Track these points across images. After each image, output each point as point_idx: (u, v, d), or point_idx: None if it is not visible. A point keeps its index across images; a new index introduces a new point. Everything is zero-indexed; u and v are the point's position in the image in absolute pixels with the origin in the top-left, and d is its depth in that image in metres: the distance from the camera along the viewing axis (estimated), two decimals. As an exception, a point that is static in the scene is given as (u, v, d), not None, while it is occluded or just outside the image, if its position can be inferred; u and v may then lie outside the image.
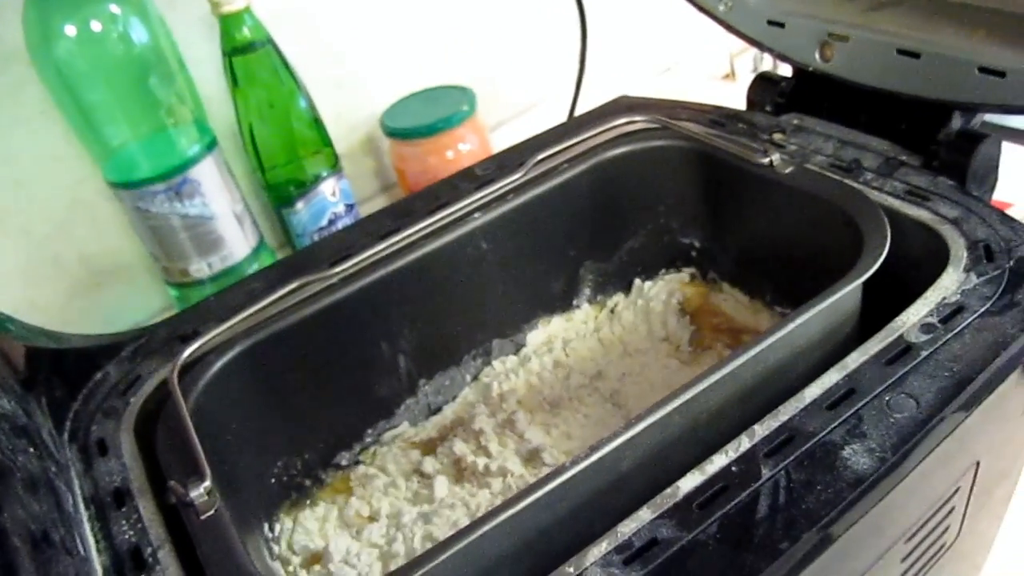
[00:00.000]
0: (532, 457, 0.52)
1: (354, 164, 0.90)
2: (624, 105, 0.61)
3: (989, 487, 0.44)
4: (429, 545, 0.46)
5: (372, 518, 0.50)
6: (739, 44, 1.12)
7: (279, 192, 0.79)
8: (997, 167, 0.49)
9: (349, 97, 0.88)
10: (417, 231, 0.50)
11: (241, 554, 0.34)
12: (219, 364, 0.45)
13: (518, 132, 0.99)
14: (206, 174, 0.72)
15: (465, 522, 0.48)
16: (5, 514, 0.31)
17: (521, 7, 0.97)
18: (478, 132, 0.85)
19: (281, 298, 0.47)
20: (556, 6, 0.93)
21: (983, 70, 0.47)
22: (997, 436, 0.42)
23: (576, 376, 0.57)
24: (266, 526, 0.49)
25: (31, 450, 0.37)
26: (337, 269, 0.48)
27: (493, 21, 0.96)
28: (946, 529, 0.42)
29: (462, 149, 0.84)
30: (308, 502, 0.52)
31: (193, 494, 0.36)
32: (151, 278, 0.82)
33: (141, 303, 0.83)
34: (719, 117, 0.58)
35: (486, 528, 0.33)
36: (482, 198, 0.52)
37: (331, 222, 0.80)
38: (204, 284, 0.76)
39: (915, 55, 0.49)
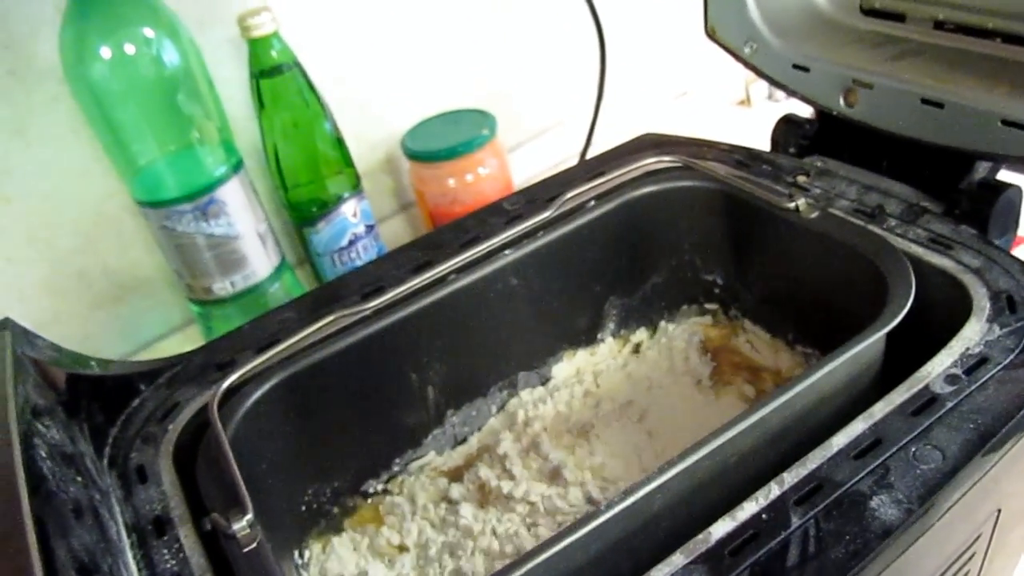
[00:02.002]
0: (555, 476, 0.53)
1: (373, 183, 0.91)
2: (649, 143, 0.62)
3: (1009, 531, 0.45)
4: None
5: (402, 547, 0.51)
6: (754, 71, 1.14)
7: (301, 211, 0.80)
8: (1018, 216, 0.50)
9: (370, 118, 0.89)
10: (450, 266, 0.51)
11: (283, 587, 0.35)
12: (256, 395, 0.46)
13: (536, 154, 1.00)
14: (232, 194, 0.73)
15: (493, 551, 0.49)
16: (60, 547, 0.32)
17: (540, 31, 0.98)
18: (498, 155, 0.86)
19: (317, 330, 0.48)
20: (574, 30, 0.94)
21: (1005, 122, 0.48)
22: (1018, 484, 0.43)
23: (606, 403, 0.58)
24: (296, 552, 0.50)
25: (78, 479, 0.38)
26: (371, 304, 0.49)
27: (512, 44, 0.97)
28: (966, 574, 0.43)
29: (482, 172, 0.85)
30: (336, 529, 0.53)
31: (236, 527, 0.37)
32: (171, 293, 0.83)
33: (161, 317, 0.84)
34: (744, 158, 0.59)
35: (523, 570, 0.34)
36: (513, 234, 0.53)
37: (351, 242, 0.81)
38: (226, 302, 0.76)
39: (939, 105, 0.51)
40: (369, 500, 0.55)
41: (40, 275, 0.76)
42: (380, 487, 0.56)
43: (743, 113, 1.14)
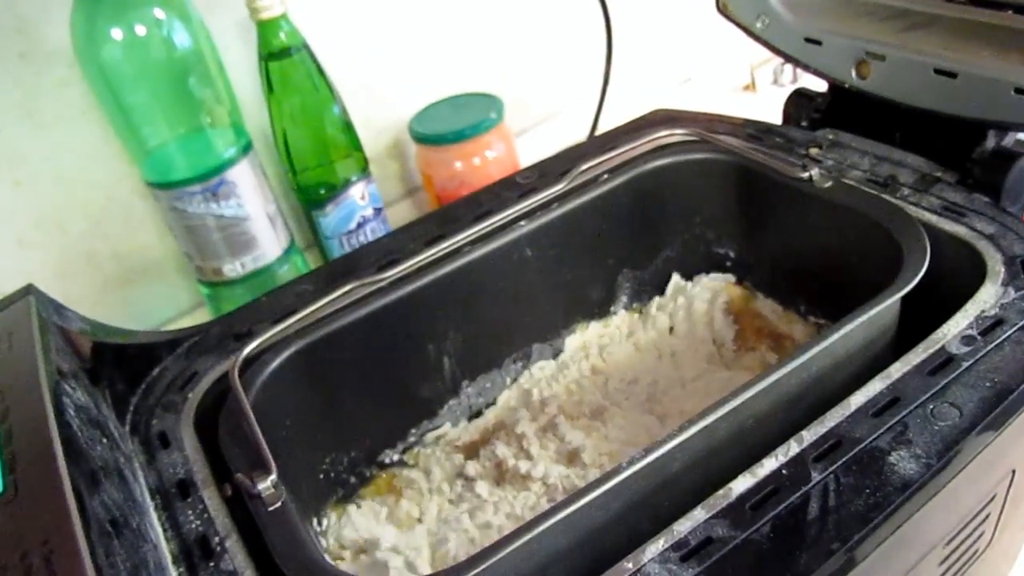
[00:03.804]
0: (573, 458, 0.53)
1: (380, 168, 0.91)
2: (662, 117, 0.62)
3: (1021, 497, 0.45)
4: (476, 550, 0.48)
5: (420, 520, 0.52)
6: (759, 56, 1.14)
7: (310, 194, 0.80)
8: (1032, 185, 0.50)
9: (378, 102, 0.90)
10: (465, 237, 0.51)
11: (309, 543, 0.36)
12: (276, 363, 0.47)
13: (542, 139, 1.01)
14: (242, 176, 0.73)
15: (510, 528, 0.49)
16: (93, 501, 0.32)
17: (547, 17, 0.99)
18: (505, 139, 0.86)
19: (334, 300, 0.48)
20: (580, 17, 0.95)
21: (1019, 91, 0.48)
22: (1033, 446, 0.43)
23: (614, 381, 0.58)
24: (315, 520, 0.50)
25: (104, 440, 0.38)
26: (388, 273, 0.49)
27: (519, 30, 0.97)
28: (980, 535, 0.43)
29: (489, 156, 0.85)
30: (353, 498, 0.54)
31: (260, 486, 0.38)
32: (180, 276, 0.83)
33: (170, 300, 0.84)
34: (756, 131, 0.59)
35: (544, 526, 0.34)
36: (527, 206, 0.53)
37: (359, 225, 0.82)
38: (235, 284, 0.77)
39: (952, 75, 0.51)
40: (385, 470, 0.55)
41: (50, 258, 0.76)
42: (396, 457, 0.56)
43: (748, 99, 1.14)
